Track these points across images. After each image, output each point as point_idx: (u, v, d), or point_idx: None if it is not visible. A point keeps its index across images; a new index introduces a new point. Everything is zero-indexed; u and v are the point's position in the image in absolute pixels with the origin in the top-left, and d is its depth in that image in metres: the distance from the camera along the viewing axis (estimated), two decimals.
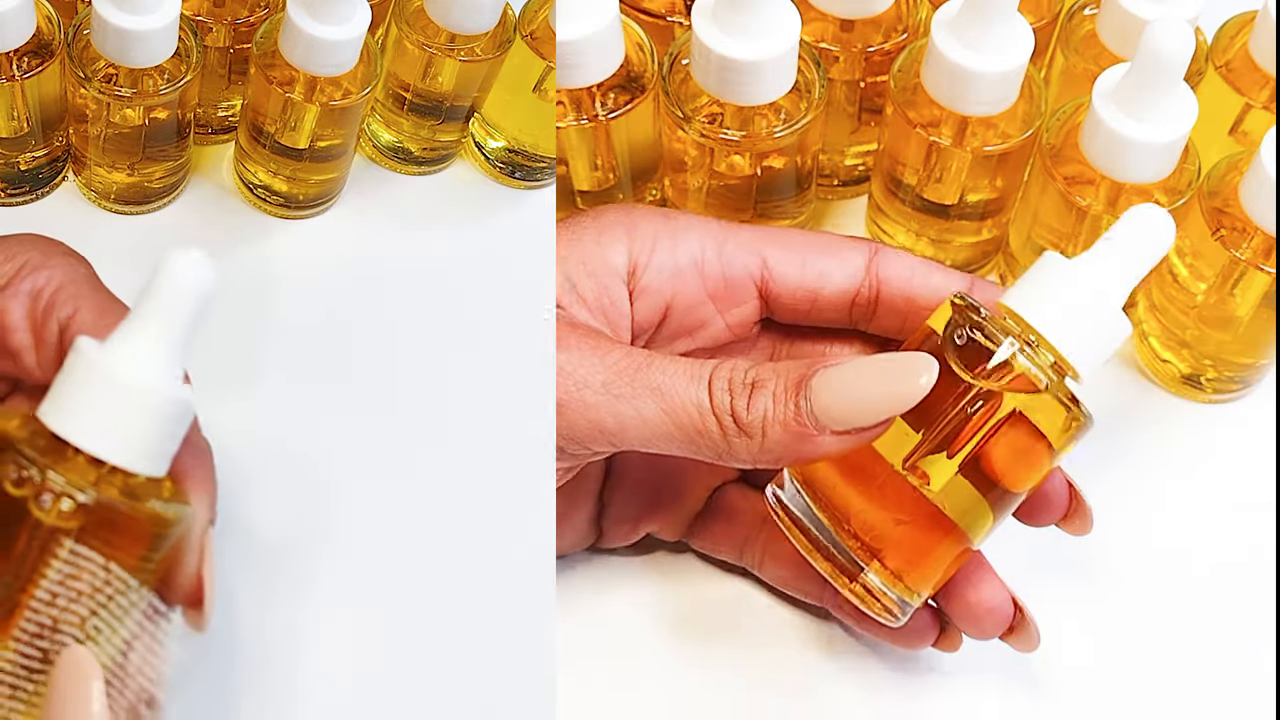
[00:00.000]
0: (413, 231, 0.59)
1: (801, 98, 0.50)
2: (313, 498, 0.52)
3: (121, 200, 0.56)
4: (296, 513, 0.51)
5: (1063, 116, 0.50)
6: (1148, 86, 0.46)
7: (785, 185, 0.53)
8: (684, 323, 0.46)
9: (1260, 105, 0.53)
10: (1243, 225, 0.49)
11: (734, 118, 0.50)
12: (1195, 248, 0.50)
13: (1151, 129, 0.47)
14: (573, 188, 0.54)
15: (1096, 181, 0.49)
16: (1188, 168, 0.49)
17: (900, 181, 0.53)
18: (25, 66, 0.51)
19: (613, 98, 0.50)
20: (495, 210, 0.60)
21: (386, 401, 0.54)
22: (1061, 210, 0.50)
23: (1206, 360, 0.53)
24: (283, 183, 0.57)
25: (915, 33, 0.53)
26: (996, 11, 0.47)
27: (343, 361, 0.55)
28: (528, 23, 0.56)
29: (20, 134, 0.53)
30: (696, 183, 0.53)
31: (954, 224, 0.54)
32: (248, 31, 0.54)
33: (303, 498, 0.51)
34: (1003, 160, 0.51)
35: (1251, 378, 0.54)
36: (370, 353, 0.55)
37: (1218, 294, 0.50)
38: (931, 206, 0.53)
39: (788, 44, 0.48)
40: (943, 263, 0.55)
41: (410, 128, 0.59)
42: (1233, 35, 0.54)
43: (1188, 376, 0.54)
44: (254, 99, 0.54)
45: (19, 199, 0.56)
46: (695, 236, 0.46)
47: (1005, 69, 0.48)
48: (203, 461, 0.42)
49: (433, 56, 0.55)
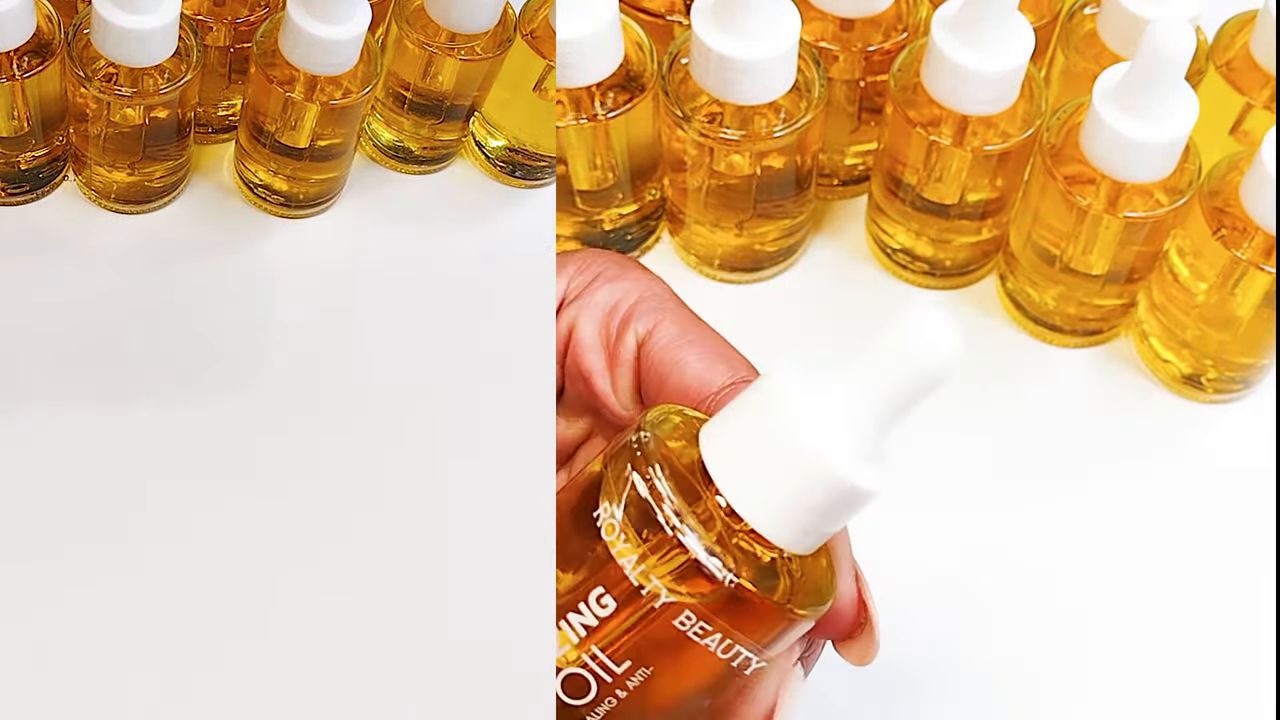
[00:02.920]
0: (413, 231, 0.59)
1: (801, 97, 0.50)
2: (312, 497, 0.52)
3: (122, 200, 0.56)
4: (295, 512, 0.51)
5: (1063, 116, 0.50)
6: (1148, 86, 0.46)
7: (785, 185, 0.53)
8: (577, 366, 0.39)
9: (1261, 105, 0.53)
10: (1243, 225, 0.48)
11: (734, 117, 0.50)
12: (1196, 247, 0.50)
13: (1152, 128, 0.47)
14: (572, 187, 0.54)
15: (1097, 181, 0.49)
16: (1188, 167, 0.49)
17: (900, 181, 0.53)
18: (25, 66, 0.51)
19: (612, 97, 0.50)
20: (495, 210, 0.60)
21: (386, 401, 0.54)
22: (1062, 210, 0.50)
23: (1207, 360, 0.53)
24: (283, 182, 0.57)
25: (915, 32, 0.53)
26: (996, 11, 0.47)
27: (343, 361, 0.55)
28: (528, 22, 0.56)
29: (20, 133, 0.53)
30: (696, 182, 0.53)
31: (954, 224, 0.54)
32: (248, 31, 0.54)
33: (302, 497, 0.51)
34: (1003, 160, 0.51)
35: (1252, 377, 0.54)
36: (370, 352, 0.55)
37: (1218, 294, 0.50)
38: (931, 206, 0.53)
39: (788, 44, 0.47)
40: (943, 262, 0.56)
41: (411, 127, 0.59)
42: (1233, 35, 0.54)
43: (1188, 376, 0.54)
44: (254, 98, 0.54)
45: (19, 198, 0.56)
46: (622, 287, 0.39)
47: (1005, 68, 0.48)
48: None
49: (433, 55, 0.55)
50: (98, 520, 0.50)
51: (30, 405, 0.51)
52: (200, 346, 0.54)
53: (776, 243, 0.56)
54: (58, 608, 0.48)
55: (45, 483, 0.50)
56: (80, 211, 0.56)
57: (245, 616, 0.49)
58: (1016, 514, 0.52)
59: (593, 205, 0.55)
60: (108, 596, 0.48)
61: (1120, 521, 0.52)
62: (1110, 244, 0.51)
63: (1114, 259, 0.51)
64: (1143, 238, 0.50)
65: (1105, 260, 0.51)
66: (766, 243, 0.56)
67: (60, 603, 0.48)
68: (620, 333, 0.37)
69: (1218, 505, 0.52)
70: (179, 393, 0.53)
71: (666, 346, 0.37)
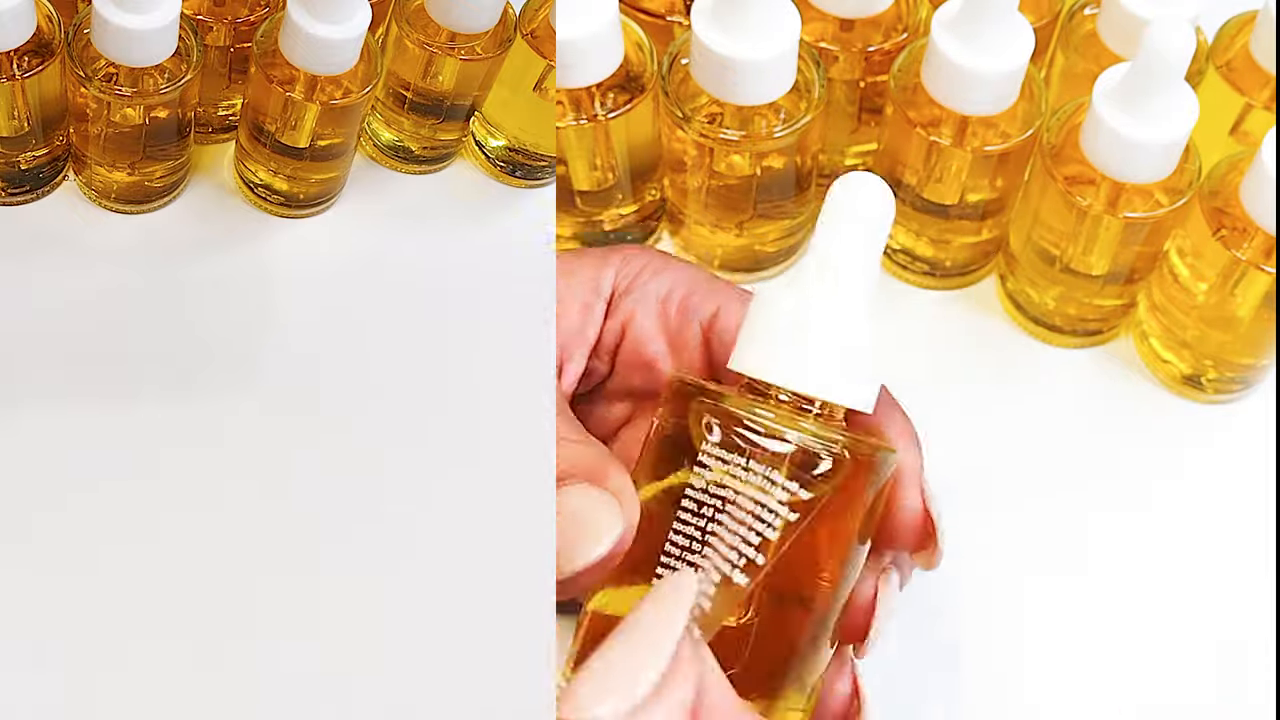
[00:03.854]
0: (413, 230, 0.59)
1: (801, 98, 0.50)
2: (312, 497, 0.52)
3: (122, 199, 0.56)
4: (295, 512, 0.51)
5: (1063, 116, 0.50)
6: (1148, 86, 0.46)
7: (785, 185, 0.53)
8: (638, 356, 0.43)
9: (1261, 105, 0.53)
10: (1243, 225, 0.48)
11: (734, 118, 0.50)
12: (1196, 248, 0.50)
13: (1152, 129, 0.47)
14: (572, 188, 0.54)
15: (1097, 181, 0.49)
16: (1188, 168, 0.49)
17: (900, 181, 0.53)
18: (25, 66, 0.51)
19: (612, 97, 0.50)
20: (495, 209, 0.60)
21: (386, 401, 0.54)
22: (1062, 210, 0.50)
23: (1207, 360, 0.53)
24: (283, 182, 0.57)
25: (915, 33, 0.53)
26: (996, 11, 0.47)
27: (343, 361, 0.55)
28: (528, 21, 0.56)
29: (21, 133, 0.53)
30: (696, 183, 0.53)
31: (954, 224, 0.54)
32: (248, 30, 0.54)
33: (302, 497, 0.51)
34: (1003, 160, 0.51)
35: (1252, 378, 0.54)
36: (370, 352, 0.55)
37: (1218, 294, 0.50)
38: (932, 206, 0.53)
39: (788, 44, 0.47)
40: (943, 263, 0.56)
41: (411, 126, 0.59)
42: (1233, 35, 0.54)
43: (1188, 377, 0.54)
44: (254, 98, 0.54)
45: (19, 198, 0.56)
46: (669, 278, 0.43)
47: (1005, 69, 0.48)
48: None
49: (433, 55, 0.55)
50: (97, 520, 0.50)
51: (30, 405, 0.51)
52: (200, 346, 0.54)
53: (776, 243, 0.56)
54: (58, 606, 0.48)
55: (45, 482, 0.50)
56: (80, 211, 0.56)
57: (245, 616, 0.49)
58: (1016, 514, 0.52)
59: (593, 205, 0.55)
60: (108, 596, 0.48)
61: (1120, 522, 0.52)
62: (1110, 244, 0.51)
63: (1114, 259, 0.51)
64: (1143, 238, 0.50)
65: (1105, 261, 0.51)
66: (766, 243, 0.56)
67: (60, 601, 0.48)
68: (680, 322, 0.40)
69: (1218, 505, 0.52)
70: (179, 392, 0.53)
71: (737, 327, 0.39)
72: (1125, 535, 0.51)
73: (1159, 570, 0.51)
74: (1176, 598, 0.51)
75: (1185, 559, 0.51)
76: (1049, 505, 0.52)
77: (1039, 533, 0.52)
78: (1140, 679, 0.49)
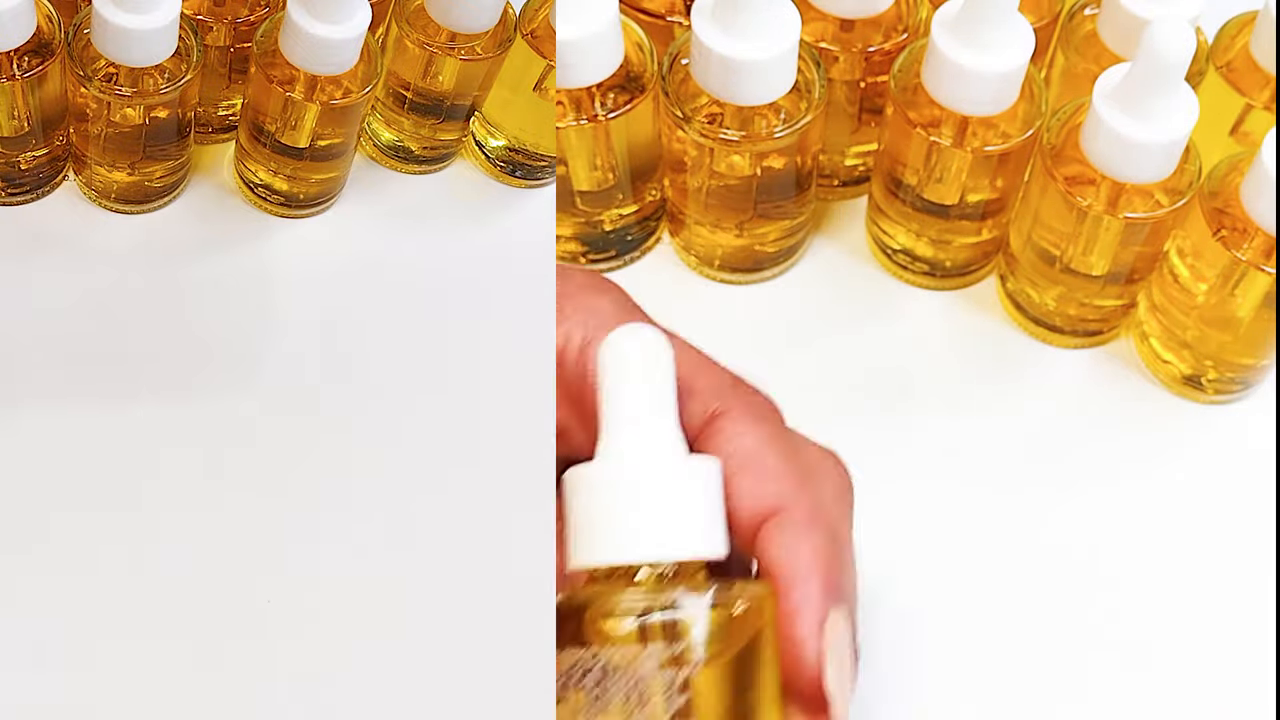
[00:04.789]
0: (413, 231, 0.59)
1: (801, 98, 0.50)
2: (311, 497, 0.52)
3: (122, 199, 0.56)
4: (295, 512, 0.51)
5: (1063, 116, 0.50)
6: (1148, 86, 0.46)
7: (785, 185, 0.53)
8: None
9: (1261, 105, 0.53)
10: (1244, 226, 0.48)
11: (734, 118, 0.49)
12: (1196, 248, 0.50)
13: (1152, 129, 0.47)
14: (572, 188, 0.54)
15: (1097, 182, 0.49)
16: (1188, 168, 0.49)
17: (900, 182, 0.53)
18: (25, 66, 0.51)
19: (612, 98, 0.50)
20: (495, 209, 0.60)
21: (386, 401, 0.54)
22: (1062, 211, 0.50)
23: (1207, 361, 0.53)
24: (283, 182, 0.57)
25: (915, 33, 0.53)
26: (996, 11, 0.47)
27: (343, 361, 0.55)
28: (528, 21, 0.56)
29: (21, 133, 0.53)
30: (696, 183, 0.53)
31: (954, 224, 0.54)
32: (248, 30, 0.54)
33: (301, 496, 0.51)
34: (1003, 160, 0.51)
35: (1252, 378, 0.54)
36: (370, 352, 0.55)
37: (1218, 295, 0.50)
38: (932, 207, 0.53)
39: (788, 44, 0.47)
40: (943, 263, 0.56)
41: (411, 126, 0.59)
42: (1234, 35, 0.54)
43: (1188, 377, 0.54)
44: (254, 98, 0.54)
45: (19, 198, 0.56)
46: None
47: (1005, 69, 0.48)
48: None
49: (433, 55, 0.55)
50: (97, 520, 0.50)
51: (30, 405, 0.51)
52: (200, 346, 0.54)
53: (777, 243, 0.56)
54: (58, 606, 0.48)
55: (45, 482, 0.50)
56: (80, 211, 0.56)
57: (244, 616, 0.49)
58: (1016, 515, 0.52)
59: (593, 206, 0.55)
60: (108, 596, 0.48)
61: (1120, 522, 0.52)
62: (1110, 245, 0.51)
63: (1114, 260, 0.51)
64: (1143, 238, 0.50)
65: (1105, 261, 0.51)
66: (767, 243, 0.56)
67: (60, 601, 0.48)
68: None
69: (1218, 506, 0.52)
70: (178, 392, 0.53)
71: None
72: (1125, 535, 0.51)
73: (1159, 570, 0.51)
74: (1177, 598, 0.51)
75: (1186, 559, 0.51)
76: (1048, 506, 0.52)
77: (1039, 532, 0.51)
78: (1140, 679, 0.49)
